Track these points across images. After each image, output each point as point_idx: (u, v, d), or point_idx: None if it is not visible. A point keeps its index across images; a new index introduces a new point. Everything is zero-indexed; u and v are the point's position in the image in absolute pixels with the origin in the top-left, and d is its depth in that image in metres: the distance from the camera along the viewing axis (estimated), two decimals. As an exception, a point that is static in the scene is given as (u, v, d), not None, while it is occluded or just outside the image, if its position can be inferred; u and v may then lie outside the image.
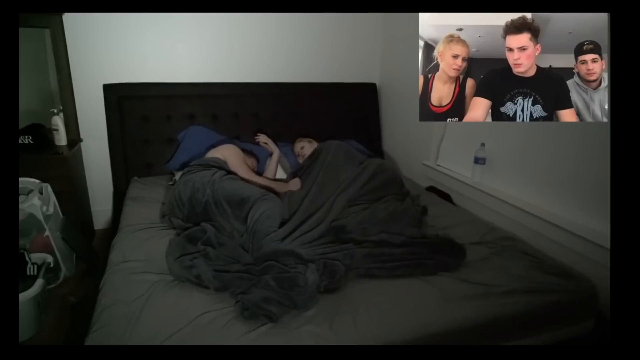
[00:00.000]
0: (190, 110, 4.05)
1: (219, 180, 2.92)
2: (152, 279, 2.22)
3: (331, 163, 3.32)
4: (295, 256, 2.32)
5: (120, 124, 3.85)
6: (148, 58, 3.92)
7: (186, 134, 3.95)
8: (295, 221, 2.68)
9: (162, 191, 3.50)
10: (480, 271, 2.38)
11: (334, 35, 4.47)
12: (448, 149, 3.81)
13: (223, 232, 2.64)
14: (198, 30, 4.00)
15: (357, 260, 2.35)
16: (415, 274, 2.31)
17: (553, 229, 2.71)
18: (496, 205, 3.15)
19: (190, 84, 4.06)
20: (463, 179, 3.50)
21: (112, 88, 3.82)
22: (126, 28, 3.77)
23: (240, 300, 2.01)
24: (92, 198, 4.08)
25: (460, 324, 2.02)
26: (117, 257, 2.45)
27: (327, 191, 3.05)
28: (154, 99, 3.95)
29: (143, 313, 1.95)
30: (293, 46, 4.37)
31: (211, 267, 2.22)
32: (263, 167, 3.86)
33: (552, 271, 2.38)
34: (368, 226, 2.76)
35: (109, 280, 2.24)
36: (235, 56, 4.20)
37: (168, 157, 3.93)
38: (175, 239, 2.58)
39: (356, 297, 2.12)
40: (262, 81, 4.30)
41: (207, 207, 2.79)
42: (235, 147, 3.49)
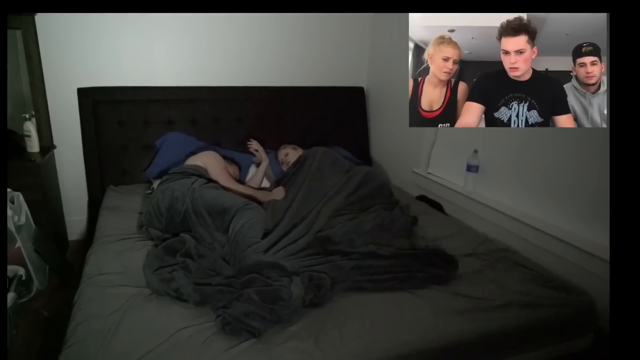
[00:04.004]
0: (169, 115, 4.03)
1: (199, 188, 2.91)
2: (129, 292, 2.21)
3: (317, 171, 3.32)
4: (279, 268, 2.30)
5: (96, 130, 3.82)
6: (124, 60, 3.91)
7: (165, 140, 3.93)
8: (279, 232, 2.67)
9: (139, 200, 3.49)
10: (473, 284, 2.38)
11: (319, 37, 4.48)
12: (439, 156, 3.82)
13: (203, 243, 2.64)
14: (177, 31, 3.99)
15: (344, 272, 2.35)
16: (405, 288, 2.31)
17: (549, 240, 2.71)
18: (490, 215, 3.16)
19: (169, 88, 4.04)
20: (455, 187, 3.50)
21: (86, 92, 3.79)
22: (102, 29, 3.75)
23: (221, 314, 2.00)
24: (66, 207, 4.05)
25: (452, 340, 2.02)
26: (92, 270, 2.42)
27: (313, 200, 3.05)
28: (131, 104, 3.93)
29: (119, 328, 1.94)
30: (277, 48, 4.37)
31: (191, 280, 2.22)
32: (245, 175, 3.85)
33: (548, 284, 2.39)
34: (355, 237, 2.76)
35: (84, 293, 2.22)
36: (216, 58, 4.20)
37: (145, 164, 3.91)
38: (153, 250, 2.57)
39: (343, 311, 2.11)
40: (244, 85, 4.30)
41: (186, 217, 2.78)
42: (216, 154, 3.47)
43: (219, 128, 4.19)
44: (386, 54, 4.43)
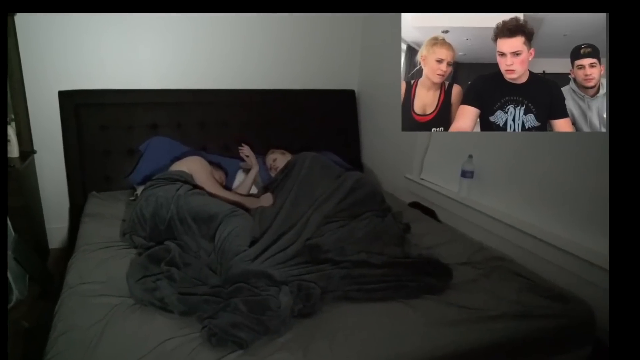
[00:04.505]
0: (153, 119, 4.02)
1: (185, 195, 2.90)
2: (112, 302, 2.19)
3: (306, 177, 3.32)
4: (267, 277, 2.30)
5: (77, 134, 3.79)
6: (107, 62, 3.88)
7: (149, 144, 3.91)
8: (267, 240, 2.67)
9: (122, 207, 3.48)
10: (468, 294, 2.38)
11: (309, 38, 4.48)
12: (433, 161, 3.82)
13: (189, 251, 2.62)
14: (162, 32, 3.98)
15: (334, 282, 2.35)
16: (397, 297, 2.30)
17: (546, 248, 2.71)
18: (485, 222, 3.16)
19: (153, 91, 4.03)
20: (449, 193, 3.51)
21: (68, 95, 3.76)
22: (83, 30, 3.73)
23: (207, 325, 1.99)
24: (47, 214, 4.01)
25: (446, 351, 2.01)
26: (74, 279, 2.41)
27: (302, 207, 3.04)
28: (114, 107, 3.91)
29: (102, 339, 1.93)
30: (265, 49, 4.37)
31: (176, 290, 2.21)
32: (232, 181, 3.85)
33: (545, 294, 2.39)
34: (346, 245, 2.75)
35: (65, 303, 2.20)
36: (203, 60, 4.18)
37: (129, 170, 3.88)
38: (136, 259, 2.56)
39: (333, 322, 2.10)
40: (231, 88, 4.29)
41: (171, 224, 2.77)
42: (201, 160, 3.46)
43: (205, 132, 4.18)
44: (378, 55, 4.44)
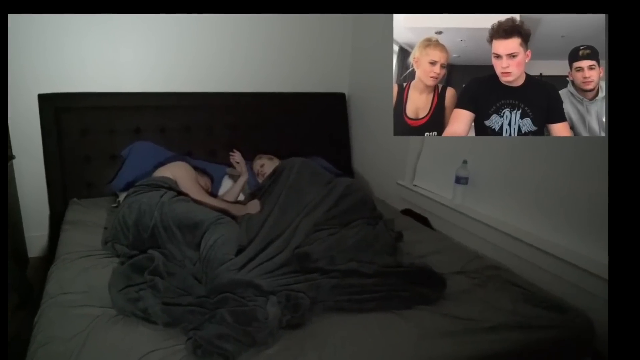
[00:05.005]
0: (136, 124, 4.01)
1: (169, 202, 2.89)
2: (93, 313, 2.18)
3: (294, 183, 3.32)
4: (254, 287, 2.30)
5: (58, 139, 3.77)
6: (89, 65, 3.87)
7: (131, 150, 3.90)
8: (254, 248, 2.66)
9: (104, 214, 3.46)
10: (462, 304, 2.38)
11: (297, 39, 4.49)
12: (426, 167, 3.82)
13: (173, 260, 2.62)
14: (145, 33, 3.97)
15: (324, 292, 2.34)
16: (389, 308, 2.30)
17: (544, 257, 2.69)
18: (480, 230, 3.15)
19: (137, 94, 4.02)
20: (443, 200, 3.50)
21: (48, 98, 3.74)
22: (64, 31, 3.71)
23: (192, 337, 1.99)
24: (26, 222, 3.98)
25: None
26: (54, 289, 2.40)
27: (290, 214, 3.04)
28: (96, 111, 3.89)
29: (83, 351, 1.92)
30: (252, 51, 4.37)
31: (159, 300, 2.20)
32: (218, 187, 3.84)
33: (542, 304, 2.39)
34: (336, 254, 2.74)
35: (45, 314, 2.19)
36: (187, 63, 4.18)
37: (111, 176, 3.86)
38: (119, 268, 2.55)
39: (323, 333, 2.10)
40: (217, 91, 4.29)
41: (155, 232, 2.76)
42: (186, 165, 3.47)
43: (190, 137, 4.17)
44: (369, 57, 4.45)
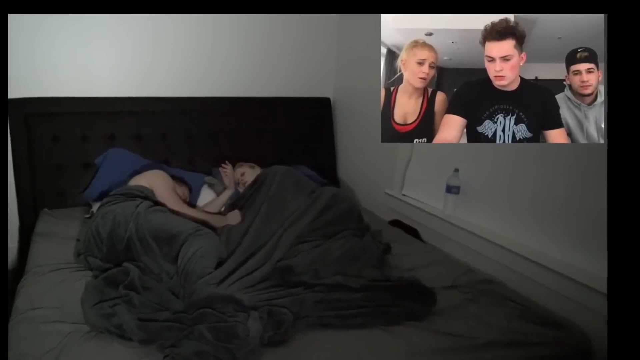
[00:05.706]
0: (111, 130, 3.98)
1: (145, 212, 2.89)
2: (65, 329, 2.17)
3: (277, 192, 3.31)
4: (235, 302, 2.30)
5: (28, 146, 3.73)
6: (60, 68, 3.84)
7: (105, 157, 3.88)
8: (235, 261, 2.66)
9: (76, 226, 3.44)
10: (454, 320, 2.37)
11: (280, 41, 4.49)
12: (415, 175, 3.81)
13: (149, 274, 2.61)
14: (119, 34, 3.94)
15: (308, 307, 2.34)
16: (377, 324, 2.30)
17: (539, 270, 2.69)
18: (472, 242, 3.14)
19: (111, 99, 3.98)
20: (433, 211, 3.49)
21: (17, 103, 3.69)
22: (34, 32, 3.68)
23: (169, 354, 2.00)
24: (-7, 234, 3.93)
25: (430, 382, 2.00)
26: (24, 304, 2.38)
27: (273, 226, 3.04)
28: (68, 117, 3.87)
29: (55, 370, 1.90)
30: (232, 54, 4.36)
31: (135, 316, 2.19)
32: (196, 197, 3.83)
33: (538, 320, 2.40)
34: (320, 267, 2.74)
35: (14, 331, 2.17)
36: (164, 66, 4.16)
37: (84, 185, 3.84)
38: (92, 282, 2.54)
39: (307, 350, 2.10)
40: (195, 95, 4.27)
41: (130, 244, 2.76)
42: (163, 174, 3.46)
43: (167, 144, 4.16)
44: (355, 60, 4.45)
